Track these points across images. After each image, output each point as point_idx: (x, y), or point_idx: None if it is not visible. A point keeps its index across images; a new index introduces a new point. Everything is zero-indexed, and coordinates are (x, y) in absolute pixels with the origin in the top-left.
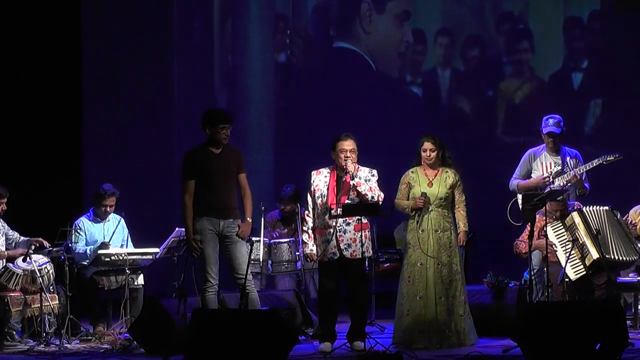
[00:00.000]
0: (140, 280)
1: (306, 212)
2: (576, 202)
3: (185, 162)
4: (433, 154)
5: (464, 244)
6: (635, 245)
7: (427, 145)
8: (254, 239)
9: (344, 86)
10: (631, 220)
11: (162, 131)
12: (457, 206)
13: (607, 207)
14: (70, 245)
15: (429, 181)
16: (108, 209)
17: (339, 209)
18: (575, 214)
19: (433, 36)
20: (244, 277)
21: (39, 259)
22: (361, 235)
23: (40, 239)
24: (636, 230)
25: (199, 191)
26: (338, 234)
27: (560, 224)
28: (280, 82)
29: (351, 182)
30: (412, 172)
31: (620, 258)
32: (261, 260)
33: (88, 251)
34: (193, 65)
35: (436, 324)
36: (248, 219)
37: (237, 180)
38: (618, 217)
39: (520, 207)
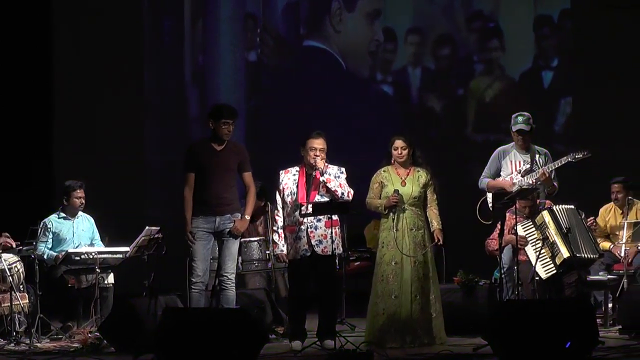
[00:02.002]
0: (111, 279)
1: (276, 211)
2: (547, 201)
3: (186, 155)
4: (405, 152)
5: (440, 241)
6: (596, 244)
7: (399, 143)
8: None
9: (315, 85)
10: (592, 222)
11: (133, 129)
12: (429, 205)
13: (572, 206)
14: (34, 243)
15: (402, 180)
16: (82, 201)
17: (309, 207)
18: (545, 213)
19: (404, 35)
20: (227, 276)
21: (8, 258)
22: (332, 232)
23: (4, 238)
24: (606, 229)
25: (196, 186)
26: (309, 230)
27: (531, 223)
28: (251, 81)
29: (321, 179)
30: (384, 171)
31: (588, 256)
32: None
33: (45, 256)
34: (164, 64)
35: (410, 323)
36: (246, 216)
37: (241, 179)
38: (583, 216)
39: (490, 205)
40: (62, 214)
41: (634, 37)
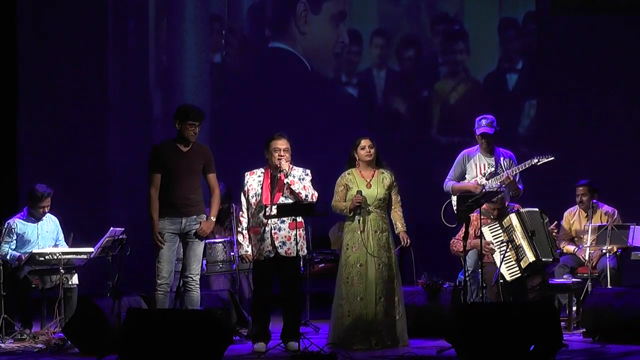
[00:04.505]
0: (75, 279)
1: (240, 212)
2: (516, 204)
3: (151, 155)
4: (372, 150)
5: (407, 243)
6: (553, 247)
7: (366, 142)
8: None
9: (280, 87)
10: (554, 227)
11: (96, 130)
12: (393, 207)
13: (536, 209)
14: None
15: (367, 182)
16: (45, 210)
17: (273, 208)
18: (513, 216)
19: (369, 37)
20: (192, 277)
21: None
22: (296, 234)
23: None
24: (570, 232)
25: (161, 187)
26: (273, 231)
27: (497, 225)
28: (216, 82)
29: (285, 180)
30: (348, 173)
31: (546, 259)
32: None
33: (9, 256)
34: (128, 65)
35: (375, 325)
36: (212, 218)
37: (205, 180)
38: (546, 220)
39: (455, 208)
40: (27, 216)
41: (598, 40)
